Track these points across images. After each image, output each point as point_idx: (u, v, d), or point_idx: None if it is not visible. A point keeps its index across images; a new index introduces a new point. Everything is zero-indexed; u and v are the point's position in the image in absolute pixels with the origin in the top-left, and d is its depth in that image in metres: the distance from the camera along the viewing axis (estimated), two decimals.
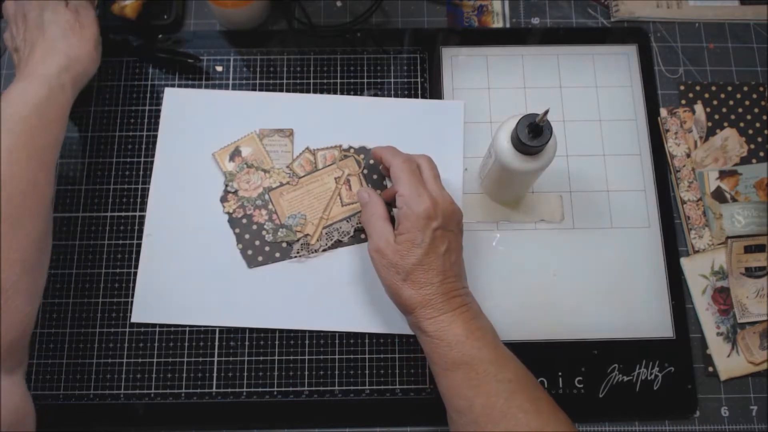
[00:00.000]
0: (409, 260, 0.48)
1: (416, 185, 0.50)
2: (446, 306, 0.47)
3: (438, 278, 0.48)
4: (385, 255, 0.49)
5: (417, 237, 0.48)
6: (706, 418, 0.55)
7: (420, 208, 0.48)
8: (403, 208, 0.49)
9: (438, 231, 0.48)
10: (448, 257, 0.49)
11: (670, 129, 0.61)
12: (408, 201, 0.49)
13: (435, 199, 0.49)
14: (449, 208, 0.50)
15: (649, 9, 0.66)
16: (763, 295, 0.57)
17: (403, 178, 0.50)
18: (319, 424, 0.55)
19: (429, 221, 0.48)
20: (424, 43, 0.64)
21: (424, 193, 0.49)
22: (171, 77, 0.63)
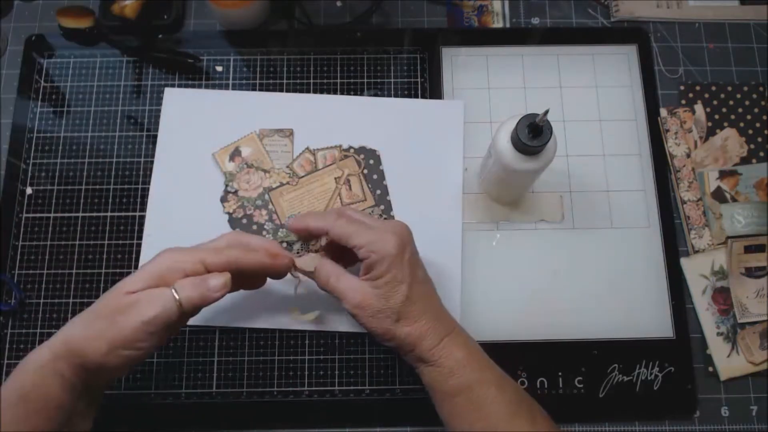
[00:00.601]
0: (397, 299, 0.46)
1: (368, 230, 0.47)
2: (443, 329, 0.47)
3: (428, 305, 0.47)
4: (368, 306, 0.46)
5: (398, 274, 0.46)
6: (706, 418, 0.55)
7: (389, 247, 0.46)
8: (371, 255, 0.46)
9: (411, 259, 0.47)
10: (426, 280, 0.49)
11: (670, 129, 0.61)
12: (373, 247, 0.46)
13: (393, 230, 0.47)
14: (406, 232, 0.48)
15: (649, 9, 0.66)
16: (763, 295, 0.57)
17: (349, 231, 0.47)
18: (319, 424, 0.55)
19: (402, 254, 0.46)
20: (424, 43, 0.64)
21: (383, 232, 0.46)
22: (171, 77, 0.63)
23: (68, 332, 0.42)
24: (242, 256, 0.45)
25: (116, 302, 0.42)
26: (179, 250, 0.45)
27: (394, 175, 0.60)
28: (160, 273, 0.43)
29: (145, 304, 0.41)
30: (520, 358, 0.55)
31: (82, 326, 0.42)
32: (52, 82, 0.63)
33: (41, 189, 0.60)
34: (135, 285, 0.42)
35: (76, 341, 0.41)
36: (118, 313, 0.41)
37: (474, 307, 0.56)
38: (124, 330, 0.41)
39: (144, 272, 0.43)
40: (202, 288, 0.43)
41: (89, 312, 0.43)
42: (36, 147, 0.61)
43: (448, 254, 0.57)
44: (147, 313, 0.41)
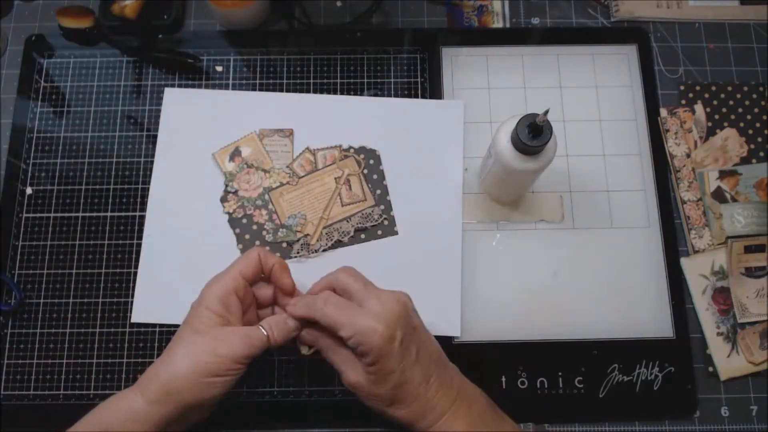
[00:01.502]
0: (386, 388, 0.45)
1: (355, 318, 0.44)
2: (442, 406, 0.45)
3: (422, 387, 0.45)
4: (362, 388, 0.45)
5: (386, 366, 0.44)
6: (706, 418, 0.55)
7: (375, 339, 0.43)
8: (358, 347, 0.44)
9: (403, 345, 0.44)
10: (423, 358, 0.46)
11: (670, 129, 0.61)
12: (360, 339, 0.44)
13: (382, 316, 0.44)
14: (399, 310, 0.45)
15: (649, 9, 0.66)
16: (763, 295, 0.57)
17: (335, 321, 0.45)
18: (319, 424, 0.55)
19: (391, 344, 0.44)
20: (424, 43, 0.64)
21: (370, 320, 0.44)
22: (171, 77, 0.63)
23: (163, 373, 0.44)
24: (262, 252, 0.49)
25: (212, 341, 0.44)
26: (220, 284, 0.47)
27: (394, 175, 0.60)
28: (223, 302, 0.46)
29: (241, 341, 0.45)
30: (520, 358, 0.55)
31: (176, 366, 0.44)
32: (52, 82, 0.63)
33: (41, 189, 0.60)
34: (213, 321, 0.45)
35: (177, 379, 0.44)
36: (216, 348, 0.44)
37: (474, 307, 0.56)
38: (223, 364, 0.44)
39: (210, 310, 0.45)
40: (285, 327, 0.47)
41: (180, 355, 0.45)
42: (36, 147, 0.61)
43: (448, 254, 0.57)
44: (243, 350, 0.44)
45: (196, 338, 0.45)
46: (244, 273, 0.47)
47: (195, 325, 0.45)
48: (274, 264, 0.49)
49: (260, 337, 0.45)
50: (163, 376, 0.44)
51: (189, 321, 0.46)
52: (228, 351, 0.44)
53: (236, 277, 0.47)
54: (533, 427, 0.55)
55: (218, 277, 0.47)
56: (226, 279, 0.47)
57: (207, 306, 0.45)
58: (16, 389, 0.55)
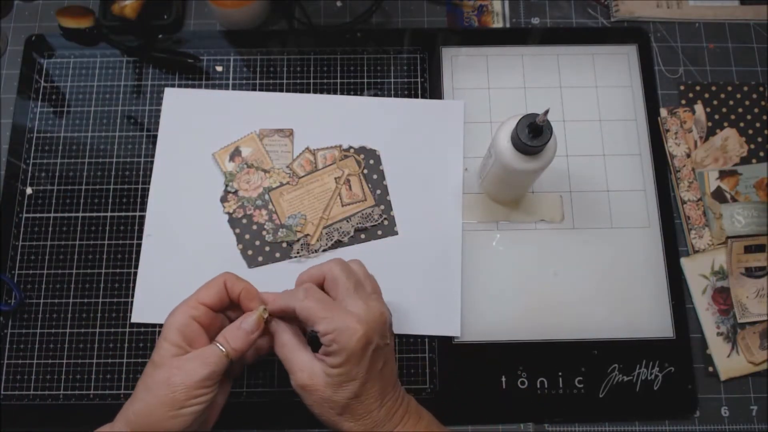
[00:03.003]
0: (343, 395, 0.43)
1: (336, 315, 0.43)
2: (391, 424, 0.45)
3: (377, 403, 0.44)
4: (313, 391, 0.43)
5: (352, 371, 0.42)
6: (706, 418, 0.55)
7: (352, 342, 0.42)
8: (331, 345, 0.42)
9: (375, 353, 0.43)
10: (385, 373, 0.45)
11: (670, 129, 0.61)
12: (335, 337, 0.42)
13: (364, 319, 0.43)
14: (380, 320, 0.44)
15: (649, 9, 0.66)
16: (763, 295, 0.57)
17: (315, 315, 0.43)
18: (319, 424, 0.55)
19: (366, 348, 0.42)
20: (424, 43, 0.64)
21: (350, 320, 0.42)
22: (171, 77, 0.63)
23: (127, 414, 0.43)
24: (228, 279, 0.46)
25: (166, 372, 0.42)
26: (178, 312, 0.45)
27: (394, 175, 0.60)
28: (181, 332, 0.44)
29: (195, 363, 0.42)
30: (520, 358, 0.55)
31: (140, 403, 0.42)
32: (52, 82, 0.63)
33: (41, 189, 0.60)
34: (169, 352, 0.43)
35: (139, 420, 0.42)
36: (171, 378, 0.42)
37: (474, 307, 0.56)
38: (180, 393, 0.42)
39: (167, 341, 0.44)
40: (240, 333, 0.44)
41: (141, 390, 0.43)
42: (36, 147, 0.61)
43: (448, 254, 0.57)
44: (201, 372, 0.42)
45: (153, 371, 0.43)
46: (204, 300, 0.45)
47: (154, 358, 0.43)
48: (242, 290, 0.46)
49: (215, 353, 0.43)
50: (130, 416, 0.42)
51: (152, 354, 0.44)
52: (183, 378, 0.42)
53: (195, 305, 0.45)
54: (533, 427, 0.55)
55: (178, 306, 0.45)
56: (183, 308, 0.45)
57: (165, 337, 0.44)
58: (16, 389, 0.55)
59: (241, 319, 0.45)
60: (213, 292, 0.46)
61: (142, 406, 0.42)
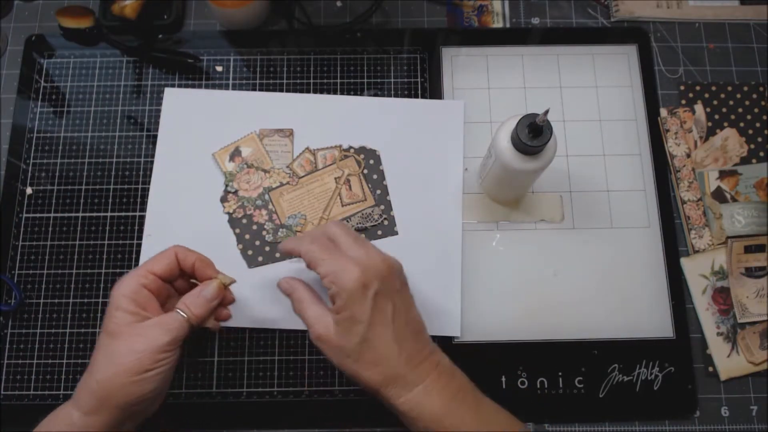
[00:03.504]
0: (353, 340, 0.43)
1: (335, 259, 0.44)
2: (415, 377, 0.44)
3: (392, 349, 0.43)
4: (328, 340, 0.44)
5: (356, 312, 0.43)
6: (706, 418, 0.55)
7: (348, 281, 0.43)
8: (331, 287, 0.44)
9: (378, 297, 0.43)
10: (399, 320, 0.44)
11: (670, 129, 0.61)
12: (334, 278, 0.44)
13: (362, 263, 0.44)
14: (382, 267, 0.44)
15: (649, 9, 0.66)
16: (763, 295, 0.57)
17: (317, 258, 0.45)
18: (319, 424, 0.55)
19: (364, 291, 0.43)
20: (424, 43, 0.64)
21: (348, 263, 0.44)
22: (171, 77, 0.63)
23: (89, 386, 0.43)
24: (180, 251, 0.48)
25: (128, 339, 0.43)
26: (127, 281, 0.45)
27: (394, 175, 0.60)
28: (133, 300, 0.45)
29: (158, 330, 0.44)
30: (520, 358, 0.55)
31: (103, 372, 0.43)
32: (52, 82, 0.63)
33: (41, 189, 0.60)
34: (125, 320, 0.44)
35: (104, 388, 0.42)
36: (133, 345, 0.43)
37: (474, 307, 0.56)
38: (145, 359, 0.43)
39: (120, 309, 0.44)
40: (200, 300, 0.46)
41: (102, 360, 0.43)
42: (36, 147, 0.61)
43: (448, 254, 0.57)
44: (164, 338, 0.43)
45: (111, 341, 0.43)
46: (154, 269, 0.46)
47: (109, 328, 0.44)
48: (195, 260, 0.48)
49: (177, 319, 0.44)
50: (92, 386, 0.43)
51: (103, 326, 0.45)
52: (146, 345, 0.43)
53: (144, 273, 0.46)
54: (533, 427, 0.55)
55: (125, 278, 0.46)
56: (133, 277, 0.45)
57: (117, 306, 0.44)
58: (16, 389, 0.55)
59: (201, 287, 0.47)
60: (164, 262, 0.47)
61: (106, 375, 0.42)
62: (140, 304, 0.45)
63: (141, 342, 0.43)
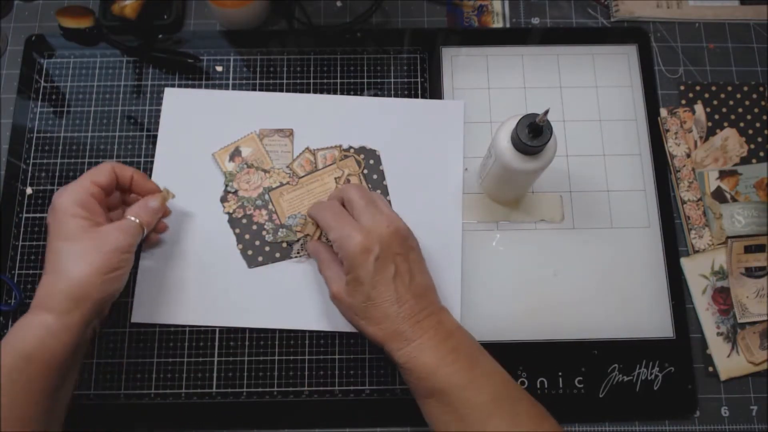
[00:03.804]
0: (358, 299, 0.48)
1: (342, 225, 0.49)
2: (414, 333, 0.47)
3: (393, 308, 0.47)
4: (341, 299, 0.49)
5: (359, 273, 0.47)
6: (706, 418, 0.55)
7: (351, 246, 0.47)
8: (339, 252, 0.49)
9: (379, 261, 0.47)
10: (400, 282, 0.48)
11: (670, 129, 0.61)
12: (340, 244, 0.48)
13: (366, 229, 0.48)
14: (386, 232, 0.48)
15: (649, 9, 0.66)
16: (763, 295, 0.57)
17: (328, 224, 0.50)
18: (319, 424, 0.55)
19: (366, 255, 0.47)
20: (424, 43, 0.64)
21: (353, 229, 0.48)
22: (171, 77, 0.63)
23: (61, 286, 0.45)
24: (116, 166, 0.52)
25: (91, 242, 0.47)
26: (74, 190, 0.48)
27: (394, 175, 0.60)
28: (83, 207, 0.48)
29: (119, 232, 0.48)
30: (520, 358, 0.55)
31: (71, 277, 0.46)
32: (52, 82, 0.63)
33: (41, 189, 0.60)
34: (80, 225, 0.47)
35: (78, 290, 0.45)
36: (100, 247, 0.47)
37: (474, 307, 0.56)
38: (113, 258, 0.47)
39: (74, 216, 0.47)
40: (148, 210, 0.52)
41: (67, 266, 0.46)
42: (36, 147, 0.61)
43: (448, 254, 0.57)
44: (126, 240, 0.48)
45: (74, 246, 0.46)
46: (97, 179, 0.49)
47: (66, 234, 0.47)
48: (133, 174, 0.52)
49: (133, 224, 0.50)
50: (64, 288, 0.45)
51: (55, 234, 0.47)
52: (111, 246, 0.47)
53: (89, 185, 0.49)
54: None
55: (66, 188, 0.48)
56: (80, 187, 0.48)
57: (71, 214, 0.47)
58: None
59: (147, 199, 0.52)
60: (105, 174, 0.50)
61: (81, 275, 0.46)
62: (92, 211, 0.48)
63: (106, 244, 0.47)
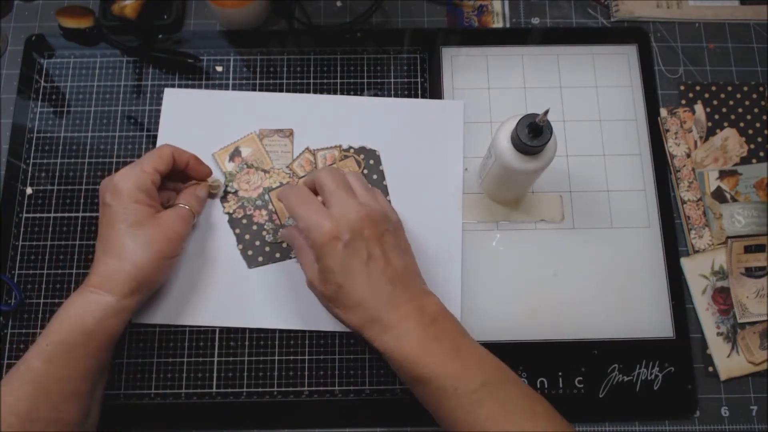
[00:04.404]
0: (330, 287, 0.46)
1: (309, 213, 0.47)
2: (391, 321, 0.45)
3: (367, 295, 0.46)
4: (315, 287, 0.48)
5: (327, 261, 0.46)
6: (706, 418, 0.55)
7: (318, 235, 0.46)
8: (307, 241, 0.48)
9: (348, 247, 0.45)
10: (374, 267, 0.46)
11: (670, 129, 0.61)
12: (308, 233, 0.47)
13: (334, 216, 0.46)
14: (356, 217, 0.46)
15: (649, 9, 0.66)
16: (763, 295, 0.57)
17: (295, 213, 0.48)
18: (319, 424, 0.55)
19: (334, 243, 0.45)
20: (424, 43, 0.64)
21: (321, 217, 0.46)
22: (171, 77, 0.63)
23: (126, 269, 0.47)
24: (175, 151, 0.53)
25: (156, 228, 0.49)
26: (137, 176, 0.50)
27: (394, 175, 0.60)
28: (147, 194, 0.50)
29: (180, 220, 0.51)
30: (520, 358, 0.55)
31: (137, 262, 0.48)
32: (52, 82, 0.63)
33: (41, 189, 0.60)
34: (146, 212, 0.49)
35: (143, 270, 0.48)
36: (165, 233, 0.49)
37: (474, 307, 0.56)
38: (174, 245, 0.50)
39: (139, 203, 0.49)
40: (197, 199, 0.54)
41: (133, 250, 0.48)
42: (36, 147, 0.61)
43: (448, 255, 0.57)
44: (185, 228, 0.51)
45: (140, 231, 0.48)
46: (158, 168, 0.51)
47: (131, 220, 0.48)
48: (189, 159, 0.54)
49: (188, 213, 0.52)
50: (131, 272, 0.47)
51: (120, 219, 0.48)
52: (175, 233, 0.50)
53: (151, 171, 0.50)
54: None
55: (131, 173, 0.49)
56: (141, 173, 0.50)
57: (135, 200, 0.49)
58: None
59: (195, 188, 0.54)
60: (165, 161, 0.51)
61: (145, 259, 0.48)
62: (152, 197, 0.50)
63: (170, 230, 0.49)
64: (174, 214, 0.51)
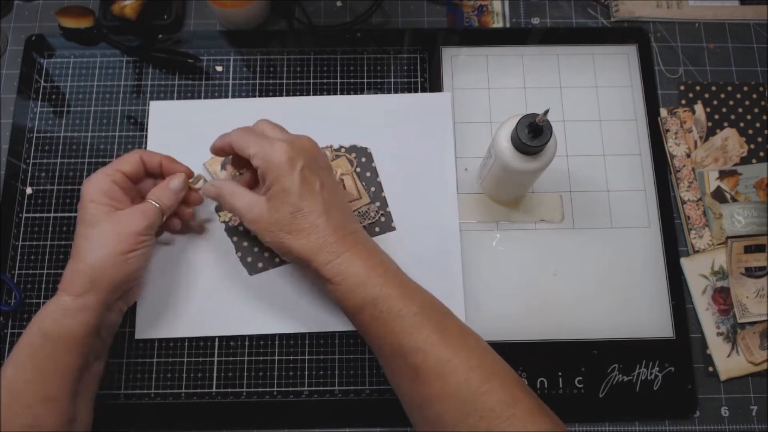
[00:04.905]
0: (286, 210, 0.46)
1: (262, 139, 0.48)
2: (340, 247, 0.46)
3: (322, 219, 0.46)
4: (261, 220, 0.47)
5: (286, 183, 0.46)
6: (706, 418, 0.55)
7: (277, 154, 0.46)
8: (261, 164, 0.47)
9: (305, 170, 0.47)
10: (327, 194, 0.48)
11: (670, 129, 0.61)
12: (263, 155, 0.47)
13: (289, 140, 0.47)
14: (308, 145, 0.48)
15: (649, 9, 0.66)
16: (763, 295, 0.57)
17: (244, 141, 0.48)
18: (319, 424, 0.55)
19: (292, 163, 0.46)
20: (424, 43, 0.64)
21: (275, 141, 0.47)
22: (171, 77, 0.63)
23: (84, 273, 0.46)
24: (144, 153, 0.52)
25: (110, 226, 0.48)
26: (97, 178, 0.50)
27: (388, 171, 0.60)
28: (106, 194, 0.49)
29: (136, 215, 0.49)
30: (520, 358, 0.55)
31: (91, 259, 0.47)
32: (52, 82, 0.63)
33: (41, 189, 0.60)
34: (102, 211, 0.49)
35: (98, 272, 0.47)
36: (117, 229, 0.48)
37: (474, 307, 0.56)
38: (130, 240, 0.48)
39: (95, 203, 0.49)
40: (169, 192, 0.52)
41: (86, 249, 0.47)
42: (36, 147, 0.61)
43: (447, 250, 0.57)
44: (143, 223, 0.49)
45: (92, 230, 0.48)
46: (121, 168, 0.50)
47: (87, 220, 0.48)
48: (161, 160, 0.53)
49: (151, 207, 0.50)
50: (82, 270, 0.47)
51: (79, 220, 0.49)
52: (128, 228, 0.48)
53: (113, 172, 0.50)
54: None
55: (92, 177, 0.50)
56: (103, 175, 0.50)
57: (92, 200, 0.48)
58: None
59: (168, 180, 0.52)
60: (130, 162, 0.51)
61: (97, 257, 0.47)
62: (113, 198, 0.49)
63: (123, 226, 0.48)
64: (133, 210, 0.49)
